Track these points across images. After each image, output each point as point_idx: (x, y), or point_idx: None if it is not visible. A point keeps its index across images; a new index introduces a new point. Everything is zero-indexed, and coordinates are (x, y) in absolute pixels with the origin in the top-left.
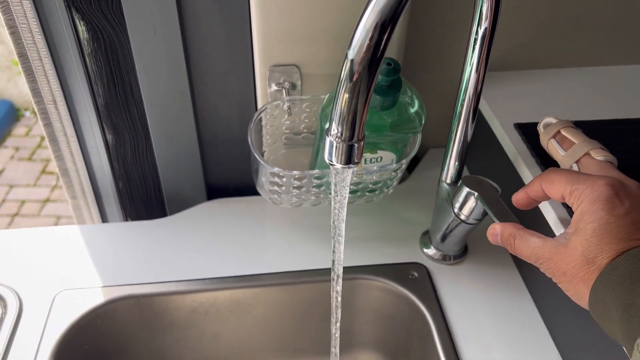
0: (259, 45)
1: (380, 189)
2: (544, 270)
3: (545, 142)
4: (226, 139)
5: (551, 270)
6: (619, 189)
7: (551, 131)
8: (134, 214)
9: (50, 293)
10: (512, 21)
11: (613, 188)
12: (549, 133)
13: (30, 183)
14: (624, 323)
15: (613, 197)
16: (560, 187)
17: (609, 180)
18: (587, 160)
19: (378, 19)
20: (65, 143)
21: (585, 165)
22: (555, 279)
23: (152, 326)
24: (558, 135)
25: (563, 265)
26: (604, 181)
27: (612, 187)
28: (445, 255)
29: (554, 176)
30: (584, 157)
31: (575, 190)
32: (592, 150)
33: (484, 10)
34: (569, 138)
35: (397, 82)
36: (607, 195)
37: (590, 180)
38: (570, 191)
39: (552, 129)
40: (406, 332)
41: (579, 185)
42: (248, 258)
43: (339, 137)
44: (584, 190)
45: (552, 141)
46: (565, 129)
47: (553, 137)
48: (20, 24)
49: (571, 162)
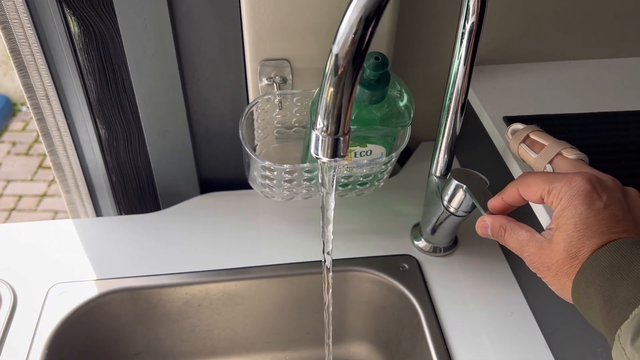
0: (250, 40)
1: (370, 182)
2: (529, 264)
3: (516, 148)
4: (218, 132)
5: (535, 264)
6: (596, 183)
7: (520, 136)
8: (128, 208)
9: (44, 286)
10: (502, 15)
11: (590, 182)
12: (518, 138)
13: (27, 178)
14: (605, 314)
15: (591, 192)
16: (537, 189)
17: (585, 175)
18: (560, 160)
19: (362, 13)
20: (58, 138)
21: (558, 165)
22: (540, 273)
23: (145, 318)
24: (527, 140)
25: (547, 260)
26: (580, 177)
27: (589, 181)
28: (436, 247)
29: (530, 179)
30: (556, 157)
31: (553, 189)
32: (564, 150)
33: (471, 4)
34: (539, 141)
35: (386, 76)
36: (585, 189)
37: (567, 178)
38: (548, 190)
39: (521, 134)
40: (397, 323)
41: (556, 183)
42: (240, 251)
43: (324, 131)
44: (562, 187)
45: (523, 145)
46: (534, 132)
47: (523, 142)
48: (12, 19)
49: (544, 163)
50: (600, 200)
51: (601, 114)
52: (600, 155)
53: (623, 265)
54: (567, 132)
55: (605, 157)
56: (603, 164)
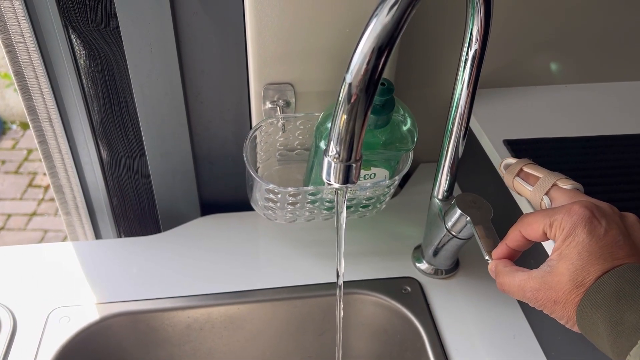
0: (254, 63)
1: (373, 204)
2: (534, 303)
3: (511, 182)
4: (220, 155)
5: (542, 301)
6: (594, 210)
7: (514, 170)
8: (128, 230)
9: (45, 311)
10: (501, 39)
11: (588, 209)
12: (512, 172)
13: (16, 197)
14: (613, 340)
15: (591, 218)
16: (538, 225)
17: (583, 202)
18: (555, 191)
19: (375, 44)
20: (59, 160)
21: (555, 196)
22: (547, 309)
23: (146, 342)
24: (522, 173)
25: (553, 294)
26: (578, 205)
27: (587, 208)
28: (437, 269)
29: (529, 218)
30: (552, 188)
31: (554, 221)
32: (559, 181)
33: (474, 32)
34: (533, 174)
35: (391, 102)
36: (585, 216)
37: (565, 208)
38: (549, 224)
39: (515, 168)
40: (399, 346)
41: (556, 215)
42: (242, 273)
43: (336, 158)
44: (563, 218)
45: (517, 179)
46: (527, 165)
47: (517, 175)
48: (17, 42)
49: (541, 195)
50: (601, 226)
51: (599, 137)
52: (599, 178)
53: (628, 291)
54: (565, 156)
55: (604, 180)
56: (602, 187)
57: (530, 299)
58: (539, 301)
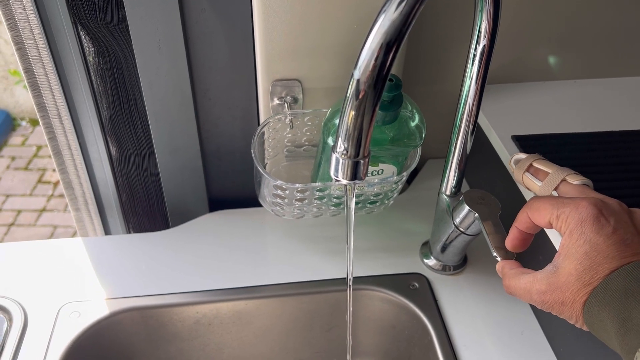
0: (262, 60)
1: (381, 200)
2: (542, 305)
3: (520, 177)
4: (229, 151)
5: (549, 303)
6: (602, 207)
7: (524, 165)
8: (137, 226)
9: (55, 305)
10: (509, 35)
11: (597, 207)
12: (522, 167)
13: (26, 193)
14: (621, 337)
15: (599, 216)
16: (546, 213)
17: (592, 200)
18: (565, 187)
19: (383, 40)
20: (69, 156)
21: (564, 192)
22: (555, 310)
23: (156, 338)
24: (531, 169)
25: (560, 295)
26: (587, 202)
27: (596, 206)
28: (445, 265)
29: (538, 203)
30: (561, 183)
31: (561, 214)
32: (568, 176)
33: (483, 28)
34: (542, 169)
35: (399, 98)
36: (592, 214)
37: (574, 203)
38: (556, 216)
39: (524, 163)
40: (407, 341)
41: (564, 208)
42: (250, 269)
43: (344, 154)
44: (570, 213)
45: (527, 174)
46: (537, 161)
47: (527, 171)
48: (27, 39)
49: (550, 190)
50: (609, 224)
51: (608, 133)
52: (607, 174)
53: (636, 289)
54: (574, 152)
55: (612, 176)
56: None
57: (537, 301)
58: (546, 303)
